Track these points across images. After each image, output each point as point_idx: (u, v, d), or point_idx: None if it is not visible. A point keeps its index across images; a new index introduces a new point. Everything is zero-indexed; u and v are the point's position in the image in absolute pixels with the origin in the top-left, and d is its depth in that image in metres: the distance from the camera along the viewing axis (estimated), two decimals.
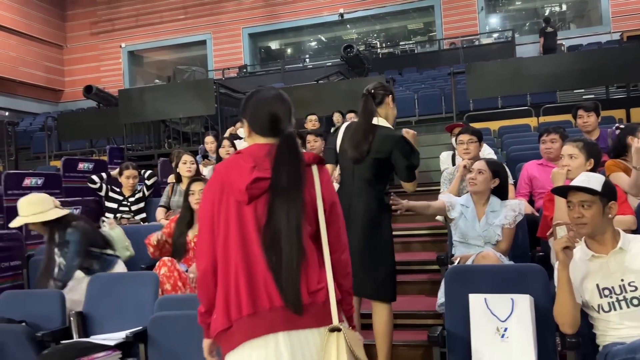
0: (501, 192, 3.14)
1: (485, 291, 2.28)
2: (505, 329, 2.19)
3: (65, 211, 3.33)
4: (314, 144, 5.12)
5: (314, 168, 1.69)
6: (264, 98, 1.72)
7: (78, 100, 17.63)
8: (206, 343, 1.76)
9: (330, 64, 16.58)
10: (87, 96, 9.86)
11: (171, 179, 5.49)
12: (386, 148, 2.77)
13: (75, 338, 2.79)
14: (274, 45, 21.02)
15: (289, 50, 21.11)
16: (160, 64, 20.53)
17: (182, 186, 4.70)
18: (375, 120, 2.85)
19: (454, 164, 4.33)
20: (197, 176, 4.05)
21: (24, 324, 2.85)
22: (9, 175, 6.06)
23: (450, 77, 8.25)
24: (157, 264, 3.31)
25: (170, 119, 8.01)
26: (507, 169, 3.45)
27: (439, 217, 4.28)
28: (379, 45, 17.46)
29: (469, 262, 2.81)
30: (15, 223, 3.34)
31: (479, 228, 3.08)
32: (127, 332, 2.59)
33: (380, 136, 2.79)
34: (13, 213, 6.00)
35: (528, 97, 8.68)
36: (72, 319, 2.85)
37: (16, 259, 3.94)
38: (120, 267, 3.41)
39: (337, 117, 7.23)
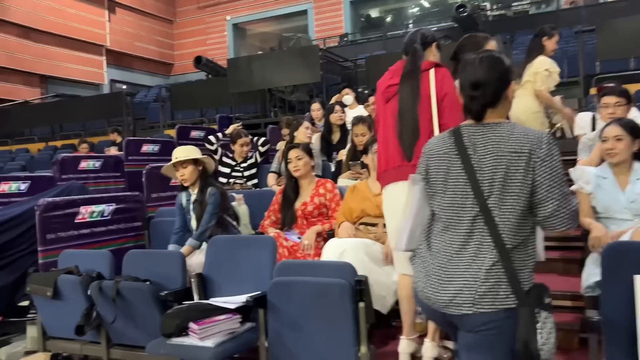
0: None
1: None
2: None
3: (212, 166, 3.47)
4: None
5: (431, 71, 2.44)
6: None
7: (187, 73, 18.38)
8: None
9: (435, 29, 15.87)
10: (197, 67, 10.15)
11: (280, 145, 5.47)
12: None
13: (196, 299, 2.80)
14: (374, 12, 20.46)
15: (389, 18, 20.46)
16: (263, 36, 20.78)
17: None
18: None
19: (594, 129, 3.85)
20: (295, 143, 3.94)
21: (148, 282, 2.91)
22: (129, 142, 6.38)
23: (578, 36, 7.44)
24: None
25: (276, 87, 8.01)
26: None
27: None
28: (488, 7, 16.36)
29: (624, 238, 2.44)
30: (170, 163, 3.48)
31: (624, 200, 2.69)
32: (247, 296, 2.54)
33: None
34: (134, 177, 6.37)
35: None
36: (192, 280, 2.86)
37: (138, 220, 4.09)
38: None
39: None
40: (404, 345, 2.56)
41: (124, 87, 18.02)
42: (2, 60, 14.26)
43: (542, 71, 4.38)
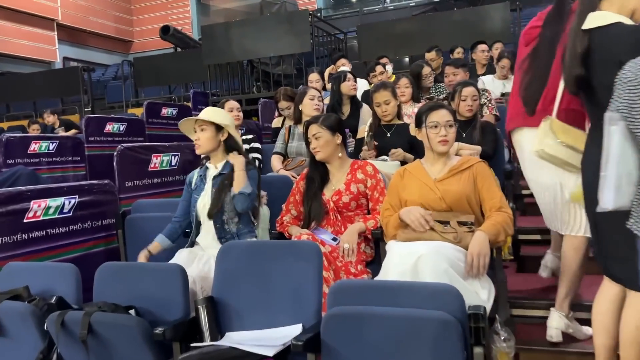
0: None
1: None
2: None
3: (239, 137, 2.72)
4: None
5: None
6: None
7: (148, 51, 17.08)
8: None
9: (413, 4, 15.12)
10: (164, 38, 9.05)
11: (277, 122, 4.59)
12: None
13: (207, 337, 1.92)
14: None
15: None
16: (227, 12, 19.60)
17: (302, 127, 3.76)
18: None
19: None
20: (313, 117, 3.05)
21: (133, 311, 2.02)
22: (90, 120, 5.37)
23: None
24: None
25: (259, 59, 7.07)
26: None
27: None
28: None
29: None
30: (192, 118, 2.64)
31: None
32: (288, 335, 1.70)
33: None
34: (97, 162, 5.37)
35: None
36: (199, 307, 1.98)
37: (108, 217, 3.15)
38: None
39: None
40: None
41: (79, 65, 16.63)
42: None
43: None
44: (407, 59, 7.35)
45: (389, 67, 5.40)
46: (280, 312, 1.92)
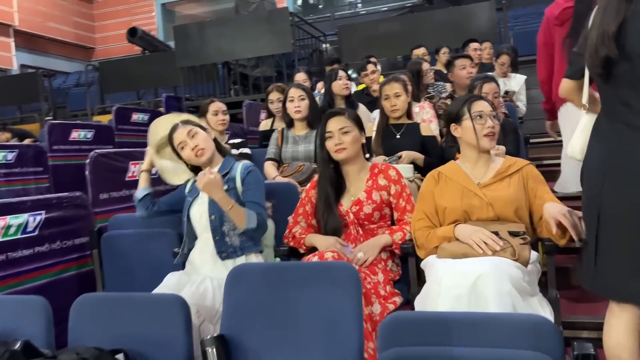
0: None
1: None
2: None
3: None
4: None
5: None
6: None
7: (110, 58, 16.40)
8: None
9: (385, 8, 14.96)
10: (132, 40, 8.52)
11: (265, 125, 4.20)
12: None
13: None
14: None
15: None
16: (194, 19, 19.06)
17: (296, 130, 3.38)
18: None
19: None
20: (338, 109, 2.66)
21: (122, 355, 1.60)
22: (54, 127, 4.86)
23: None
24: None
25: (236, 60, 6.66)
26: None
27: None
28: None
29: None
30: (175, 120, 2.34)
31: None
32: None
33: None
34: (62, 173, 4.86)
35: None
36: (208, 349, 1.57)
37: (82, 235, 2.70)
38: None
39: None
40: None
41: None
42: None
43: None
44: (400, 58, 7.07)
45: (378, 67, 5.08)
46: (311, 352, 1.54)
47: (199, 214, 2.18)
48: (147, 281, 2.40)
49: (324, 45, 7.98)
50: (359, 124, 2.26)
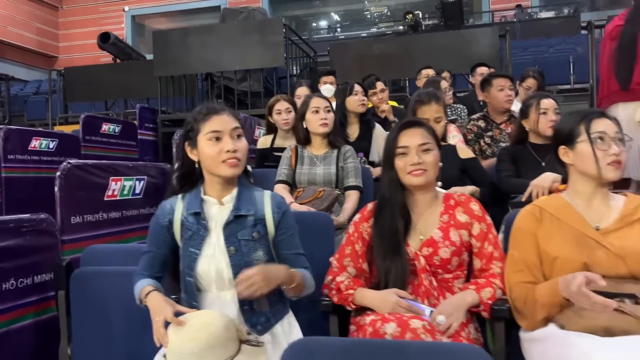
0: None
1: None
2: None
3: None
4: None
5: None
6: None
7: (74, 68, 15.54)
8: None
9: (365, 34, 14.73)
10: (103, 47, 7.84)
11: (263, 142, 3.63)
12: None
13: None
14: (298, 14, 18.93)
15: (314, 22, 19.17)
16: None
17: (314, 149, 2.83)
18: None
19: None
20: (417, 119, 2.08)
21: None
22: (11, 133, 4.16)
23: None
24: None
25: (221, 72, 6.08)
26: None
27: None
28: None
29: None
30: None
31: None
32: None
33: None
34: (16, 188, 4.14)
35: None
36: None
37: (44, 270, 2.05)
38: None
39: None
40: None
41: None
42: None
43: None
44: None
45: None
46: None
47: (213, 269, 1.53)
48: (128, 335, 1.83)
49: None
50: (437, 141, 1.73)
